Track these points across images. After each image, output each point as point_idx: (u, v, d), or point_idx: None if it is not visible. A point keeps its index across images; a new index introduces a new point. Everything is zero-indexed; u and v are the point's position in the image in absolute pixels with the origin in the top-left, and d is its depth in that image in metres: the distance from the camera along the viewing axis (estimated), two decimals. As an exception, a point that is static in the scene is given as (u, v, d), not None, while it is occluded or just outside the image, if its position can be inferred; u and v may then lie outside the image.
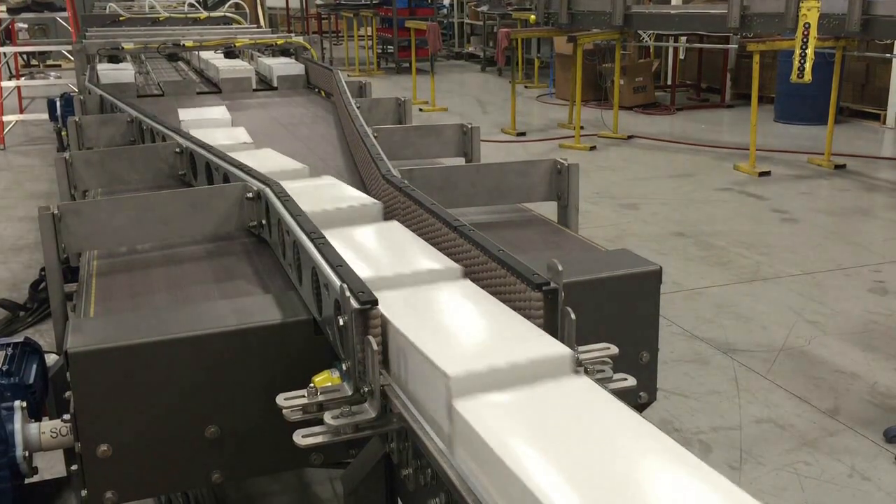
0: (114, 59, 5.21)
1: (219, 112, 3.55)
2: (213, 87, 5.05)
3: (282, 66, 5.00)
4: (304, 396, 1.40)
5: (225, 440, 1.66)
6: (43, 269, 3.64)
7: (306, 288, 1.73)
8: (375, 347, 1.34)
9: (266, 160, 2.52)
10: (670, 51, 12.49)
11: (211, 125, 3.25)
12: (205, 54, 5.65)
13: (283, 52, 5.62)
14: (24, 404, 1.69)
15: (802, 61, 6.30)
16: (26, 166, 8.36)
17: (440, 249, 1.83)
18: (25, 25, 12.88)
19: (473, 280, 1.72)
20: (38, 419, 1.73)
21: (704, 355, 3.98)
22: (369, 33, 16.64)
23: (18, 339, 1.95)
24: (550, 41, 12.85)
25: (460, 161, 3.05)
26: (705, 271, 5.13)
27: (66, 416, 1.62)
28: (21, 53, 12.33)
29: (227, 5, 9.19)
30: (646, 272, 1.91)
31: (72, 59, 6.20)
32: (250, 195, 2.22)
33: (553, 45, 12.51)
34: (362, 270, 1.55)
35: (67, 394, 1.59)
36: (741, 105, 11.03)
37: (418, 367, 1.29)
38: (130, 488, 1.62)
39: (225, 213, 2.23)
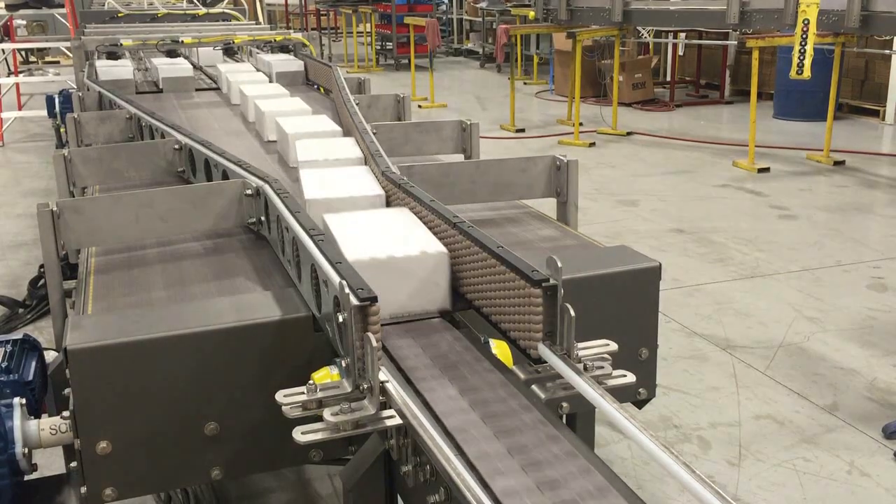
0: (112, 55, 5.20)
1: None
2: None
3: (281, 63, 4.99)
4: (303, 393, 1.40)
5: (224, 437, 1.66)
6: (42, 266, 3.63)
7: (306, 284, 1.73)
8: (375, 344, 1.34)
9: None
10: (669, 47, 12.47)
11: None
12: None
13: (282, 48, 5.61)
14: (24, 401, 1.69)
15: (802, 57, 6.30)
16: (25, 163, 8.35)
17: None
18: (24, 22, 12.87)
19: (473, 276, 1.73)
20: (38, 416, 1.73)
21: (703, 352, 3.98)
22: (368, 30, 16.62)
23: (17, 335, 1.95)
24: (549, 37, 12.84)
25: (459, 158, 3.05)
26: (704, 268, 5.13)
27: (66, 413, 1.63)
28: (19, 50, 12.32)
29: (225, 1, 9.18)
30: (645, 269, 1.92)
31: (70, 55, 6.19)
32: (249, 192, 2.22)
33: (552, 42, 12.49)
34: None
35: (67, 391, 1.59)
36: (740, 101, 11.02)
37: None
38: (130, 485, 1.62)
39: (224, 210, 2.23)
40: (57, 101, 5.84)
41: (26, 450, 1.66)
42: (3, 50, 10.08)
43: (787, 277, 4.93)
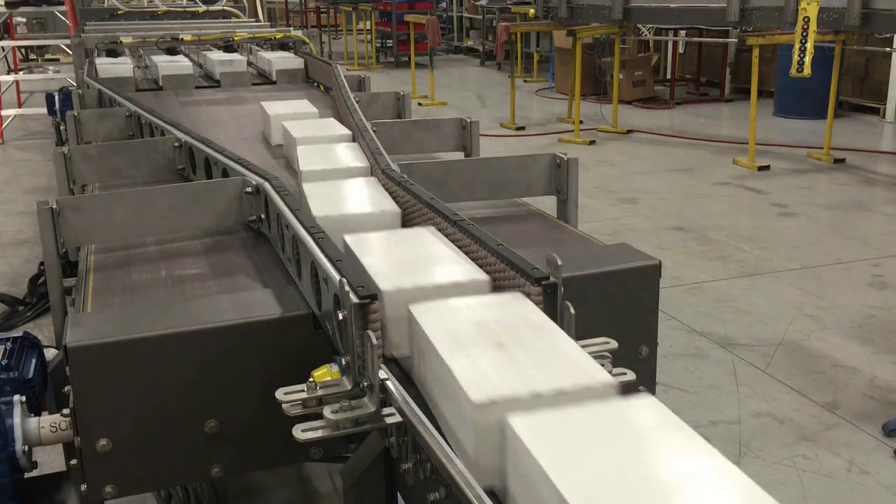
0: (112, 53, 5.20)
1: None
2: (211, 82, 5.04)
3: (281, 60, 4.99)
4: (303, 391, 1.40)
5: (224, 435, 1.66)
6: (42, 264, 3.63)
7: (306, 282, 1.73)
8: (375, 342, 1.34)
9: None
10: (669, 45, 12.47)
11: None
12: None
13: (282, 45, 5.61)
14: (24, 399, 1.69)
15: (802, 55, 6.29)
16: (25, 161, 8.35)
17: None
18: (24, 19, 12.87)
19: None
20: (38, 414, 1.73)
21: (703, 349, 3.98)
22: (368, 27, 16.62)
23: (17, 333, 1.94)
24: (550, 35, 12.83)
25: (459, 155, 3.05)
26: (704, 265, 5.13)
27: (66, 411, 1.62)
28: (19, 47, 12.32)
29: (225, -1, 9.17)
30: (645, 266, 1.91)
31: (70, 53, 6.19)
32: (249, 190, 2.21)
33: (552, 40, 12.49)
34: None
35: (67, 388, 1.59)
36: (740, 99, 11.02)
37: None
38: (130, 482, 1.62)
39: (224, 208, 2.23)
40: (57, 98, 5.82)
41: (26, 447, 1.66)
42: (2, 47, 10.07)
43: (788, 275, 4.93)
